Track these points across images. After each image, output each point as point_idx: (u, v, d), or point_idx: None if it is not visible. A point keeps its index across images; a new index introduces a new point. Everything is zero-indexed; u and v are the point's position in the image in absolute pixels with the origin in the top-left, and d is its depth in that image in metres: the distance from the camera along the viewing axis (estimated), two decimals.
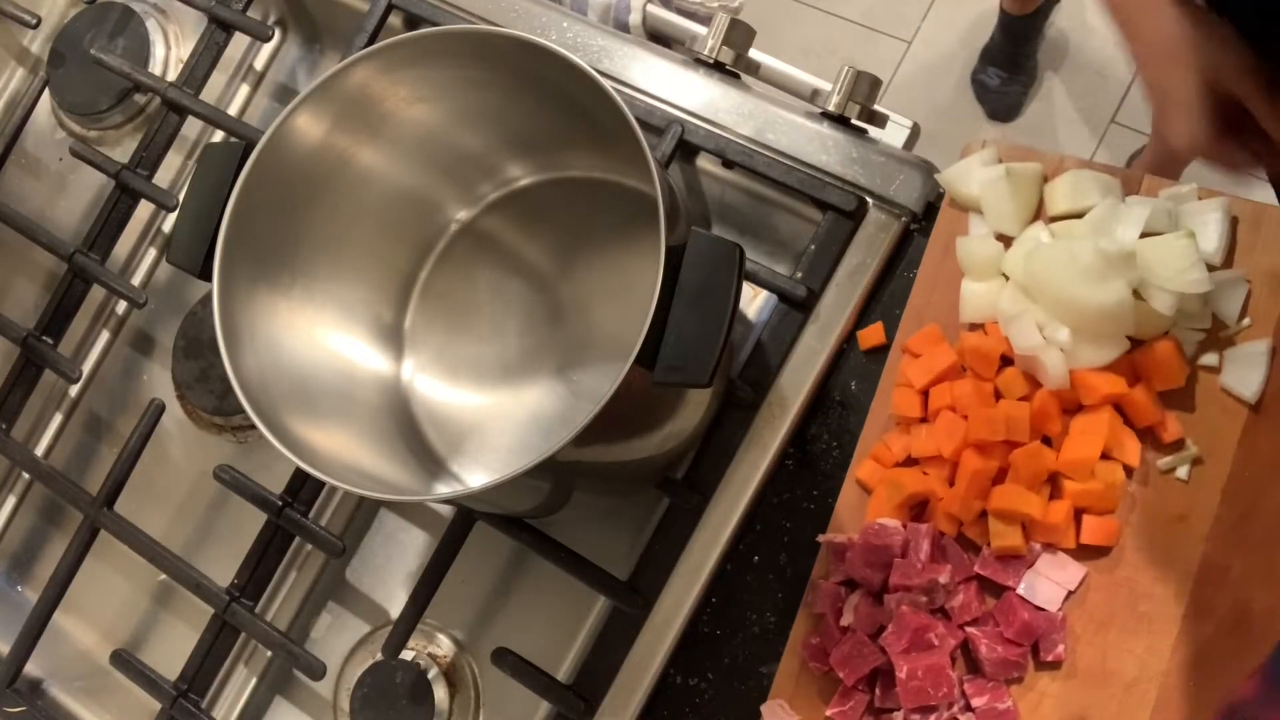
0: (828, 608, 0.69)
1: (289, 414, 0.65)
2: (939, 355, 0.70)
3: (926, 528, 0.67)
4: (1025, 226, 0.72)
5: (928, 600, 0.66)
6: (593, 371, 0.74)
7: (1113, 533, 0.66)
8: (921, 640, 0.65)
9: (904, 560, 0.67)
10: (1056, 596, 0.66)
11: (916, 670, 0.64)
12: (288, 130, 0.66)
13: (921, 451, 0.69)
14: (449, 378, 0.78)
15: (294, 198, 0.69)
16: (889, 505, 0.69)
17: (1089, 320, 0.66)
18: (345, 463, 0.66)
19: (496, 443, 0.75)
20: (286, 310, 0.70)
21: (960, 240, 0.72)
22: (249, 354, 0.65)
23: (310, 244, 0.72)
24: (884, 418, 0.72)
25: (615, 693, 0.72)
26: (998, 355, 0.69)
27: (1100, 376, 0.66)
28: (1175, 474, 0.66)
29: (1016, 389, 0.68)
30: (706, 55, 0.82)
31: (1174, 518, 0.66)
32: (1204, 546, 0.65)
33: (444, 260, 0.79)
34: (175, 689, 0.80)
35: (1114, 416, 0.66)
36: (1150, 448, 0.67)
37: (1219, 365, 0.67)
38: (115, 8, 0.98)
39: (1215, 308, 0.68)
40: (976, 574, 0.67)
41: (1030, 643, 0.65)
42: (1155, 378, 0.67)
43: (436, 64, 0.67)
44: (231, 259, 0.65)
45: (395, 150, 0.72)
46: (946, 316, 0.72)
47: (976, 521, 0.68)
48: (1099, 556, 0.66)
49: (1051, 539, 0.66)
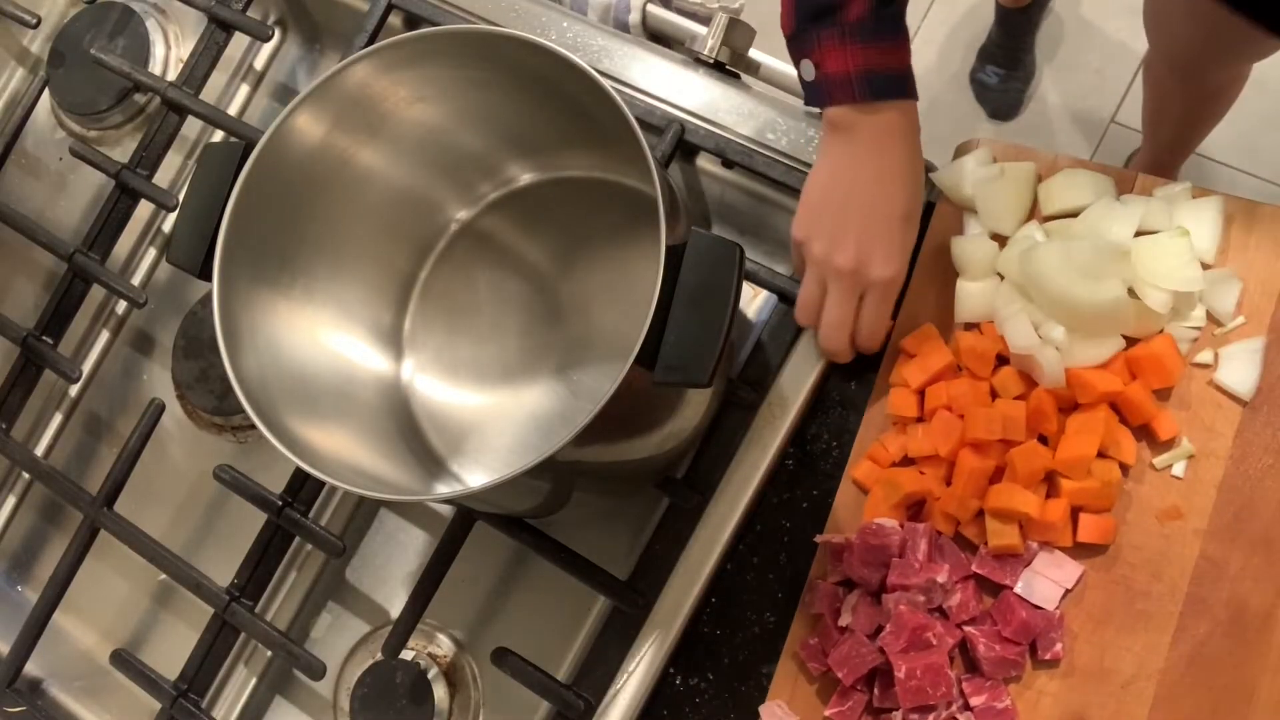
0: (826, 608, 0.69)
1: (289, 414, 0.65)
2: (935, 355, 0.70)
3: (924, 527, 0.67)
4: (1020, 226, 0.72)
5: (926, 600, 0.66)
6: (592, 371, 0.74)
7: (1109, 531, 0.66)
8: (920, 640, 0.65)
9: (901, 560, 0.67)
10: (1054, 595, 0.66)
11: (915, 670, 0.64)
12: (287, 130, 0.66)
13: (918, 451, 0.69)
14: (449, 378, 0.78)
15: (294, 197, 0.69)
16: (886, 505, 0.69)
17: (1084, 319, 0.66)
18: (345, 462, 0.66)
19: (496, 443, 0.75)
20: (286, 310, 0.70)
21: (955, 240, 0.72)
22: (249, 354, 0.65)
23: (310, 244, 0.72)
24: (880, 418, 0.72)
25: (615, 693, 0.72)
26: (993, 354, 0.69)
27: (1096, 374, 0.66)
28: (1171, 471, 0.66)
29: (1013, 388, 0.68)
30: (706, 55, 0.82)
31: (1170, 515, 0.66)
32: (1201, 543, 0.65)
33: (444, 260, 0.79)
34: (175, 689, 0.80)
35: (1110, 415, 0.67)
36: (1146, 445, 0.67)
37: (1214, 362, 0.67)
38: (115, 7, 0.98)
39: (1209, 305, 0.68)
40: (974, 573, 0.67)
41: (1028, 641, 0.65)
42: (1151, 375, 0.67)
43: (436, 64, 0.67)
44: (231, 259, 0.65)
45: (395, 150, 0.72)
46: (942, 316, 0.72)
47: (974, 521, 0.68)
48: (1096, 554, 0.66)
49: (1048, 537, 0.66)
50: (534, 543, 0.75)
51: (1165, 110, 1.38)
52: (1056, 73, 1.86)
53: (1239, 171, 1.73)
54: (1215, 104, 1.36)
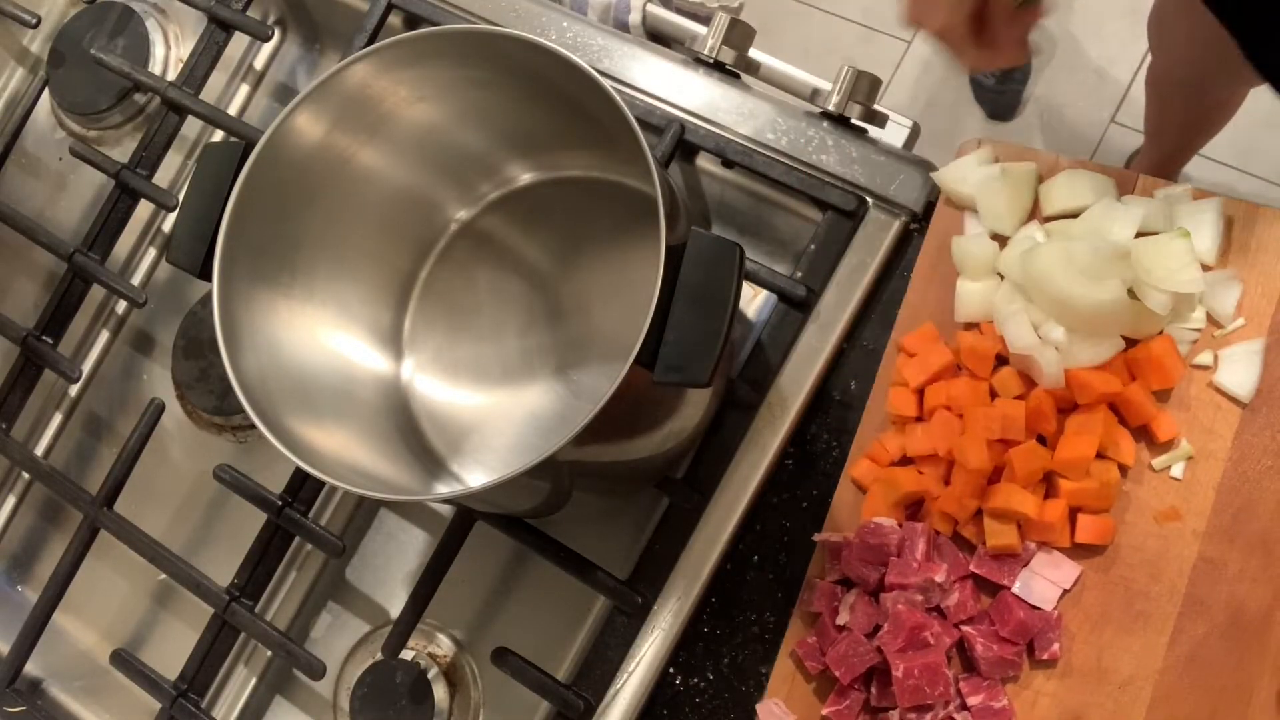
0: (824, 607, 0.69)
1: (289, 414, 0.65)
2: (935, 354, 0.70)
3: (922, 526, 0.67)
4: (1020, 226, 0.72)
5: (924, 599, 0.66)
6: (592, 371, 0.74)
7: (1108, 531, 0.66)
8: (917, 639, 0.65)
9: (900, 559, 0.67)
10: (1052, 595, 0.66)
11: (913, 669, 0.64)
12: (288, 130, 0.66)
13: (917, 450, 0.69)
14: (449, 377, 0.78)
15: (294, 197, 0.69)
16: (884, 504, 0.69)
17: (1084, 319, 0.66)
18: (345, 462, 0.66)
19: (496, 442, 0.75)
20: (286, 310, 0.70)
21: (956, 240, 0.72)
22: (249, 354, 0.65)
23: (310, 244, 0.72)
24: (880, 417, 0.72)
25: (615, 692, 0.72)
26: (993, 354, 0.69)
27: (1096, 375, 0.66)
28: (1170, 472, 0.66)
29: (1012, 388, 0.68)
30: (706, 55, 0.82)
31: (1169, 516, 0.66)
32: (1199, 545, 0.65)
33: (444, 260, 0.79)
34: (175, 689, 0.80)
35: (1109, 415, 0.67)
36: (1145, 446, 0.67)
37: (1214, 364, 0.67)
38: (115, 7, 0.98)
39: (1209, 307, 0.68)
40: (972, 572, 0.67)
41: (1025, 641, 0.65)
42: (1150, 376, 0.67)
43: (437, 63, 0.67)
44: (232, 258, 0.65)
45: (395, 149, 0.72)
46: (942, 316, 0.72)
47: (972, 520, 0.68)
48: (1094, 555, 0.66)
49: (1047, 538, 0.66)
50: (534, 542, 0.75)
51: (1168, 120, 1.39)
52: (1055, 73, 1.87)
53: (1239, 172, 1.73)
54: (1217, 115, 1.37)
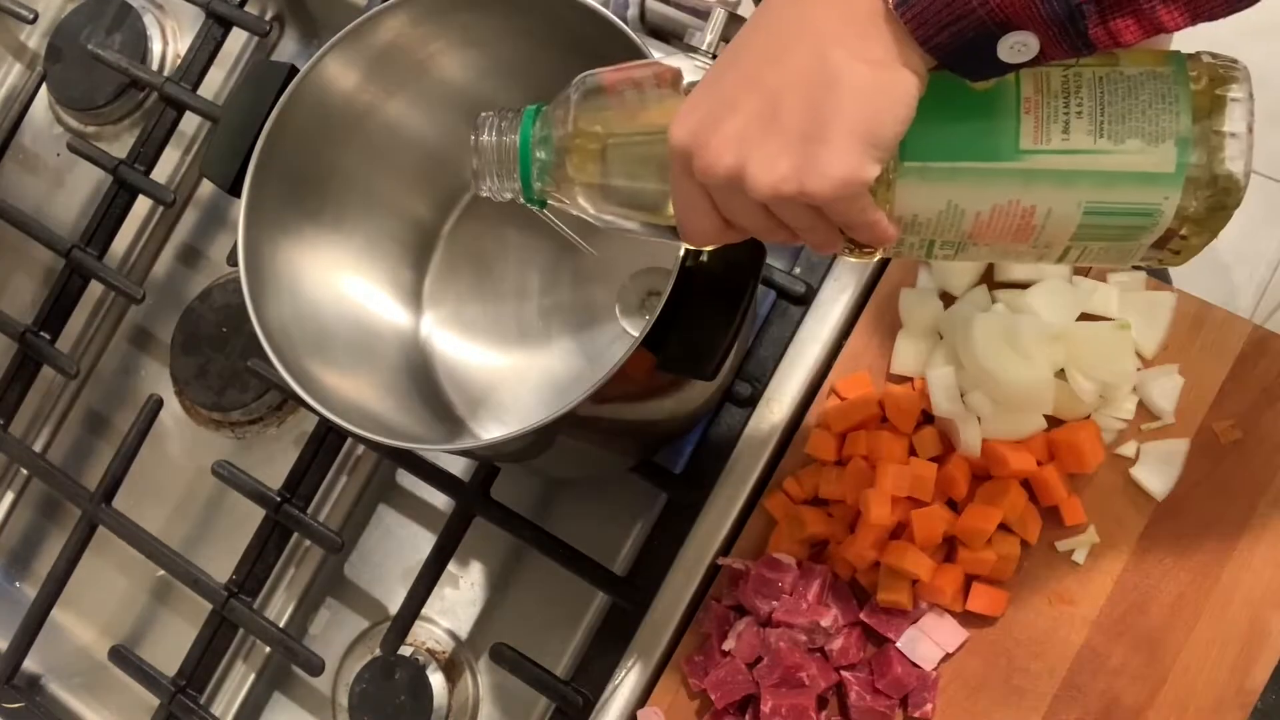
0: (713, 629, 0.69)
1: (310, 362, 0.64)
2: (862, 404, 0.70)
3: (821, 569, 0.67)
4: (971, 288, 0.71)
5: (807, 640, 0.66)
6: (611, 334, 0.74)
7: (1000, 603, 0.66)
8: (793, 678, 0.65)
9: (791, 597, 0.67)
10: (934, 655, 0.66)
11: (781, 706, 0.64)
12: (323, 68, 0.65)
13: (829, 494, 0.69)
14: (468, 334, 0.77)
15: (329, 133, 0.68)
16: (790, 540, 0.69)
17: (1007, 394, 0.66)
18: (365, 412, 0.66)
19: (512, 401, 0.75)
20: (313, 240, 0.69)
21: (904, 292, 0.72)
22: (270, 293, 0.64)
23: (342, 177, 0.71)
24: (802, 451, 0.71)
25: (613, 688, 0.72)
26: (918, 411, 0.69)
27: (1012, 451, 0.65)
28: (1072, 556, 0.66)
29: (930, 448, 0.68)
30: (705, 50, 0.82)
31: (1063, 599, 0.66)
32: (1087, 632, 0.65)
33: (469, 214, 0.78)
34: (174, 685, 0.80)
35: (1020, 491, 0.66)
36: (1052, 526, 0.67)
37: (1135, 456, 0.66)
38: (112, 3, 0.98)
39: (1144, 398, 0.67)
40: (861, 620, 0.67)
41: (900, 696, 0.66)
42: (1067, 460, 0.66)
43: (475, 13, 0.66)
44: (264, 179, 0.65)
45: (428, 100, 0.71)
46: (880, 363, 0.72)
47: (871, 569, 0.68)
48: (984, 624, 0.66)
49: (938, 601, 0.66)
50: (532, 539, 0.75)
51: None
52: None
53: None
54: None
